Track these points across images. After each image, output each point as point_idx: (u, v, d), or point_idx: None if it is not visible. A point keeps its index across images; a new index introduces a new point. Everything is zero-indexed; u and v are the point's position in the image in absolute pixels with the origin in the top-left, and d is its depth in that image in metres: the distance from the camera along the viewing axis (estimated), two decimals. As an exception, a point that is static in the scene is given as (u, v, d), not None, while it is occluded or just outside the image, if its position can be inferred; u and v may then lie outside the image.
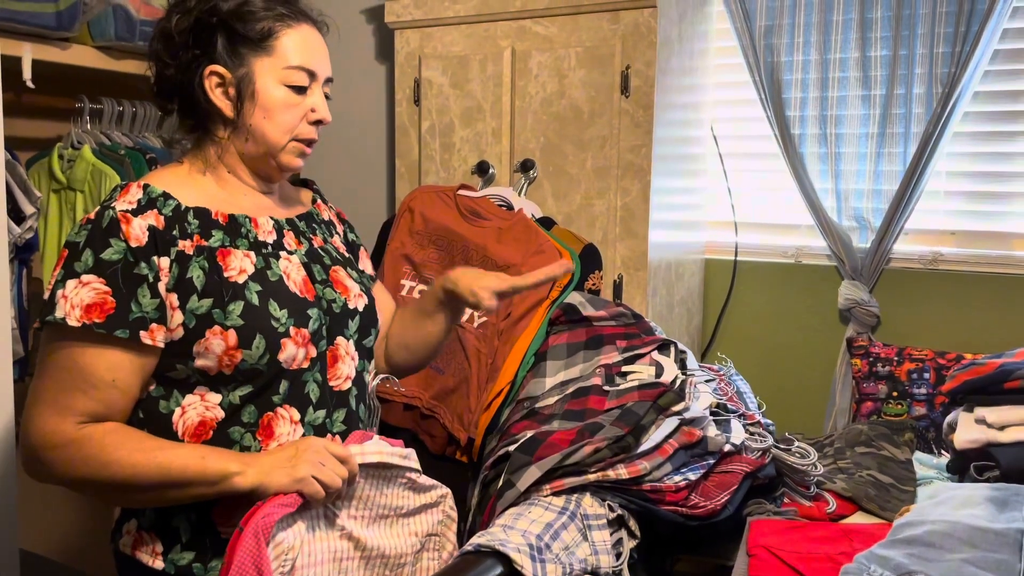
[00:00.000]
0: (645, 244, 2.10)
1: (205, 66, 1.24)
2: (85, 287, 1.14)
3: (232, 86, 1.25)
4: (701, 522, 1.53)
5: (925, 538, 1.14)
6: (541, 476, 1.50)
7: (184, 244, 1.20)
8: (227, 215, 1.26)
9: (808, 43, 2.32)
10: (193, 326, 1.18)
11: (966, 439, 1.59)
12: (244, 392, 1.22)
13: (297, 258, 1.31)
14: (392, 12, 2.38)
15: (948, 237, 2.29)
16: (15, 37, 1.92)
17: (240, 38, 1.24)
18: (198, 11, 1.25)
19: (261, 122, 1.26)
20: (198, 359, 1.19)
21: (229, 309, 1.19)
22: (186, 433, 1.21)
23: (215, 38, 1.24)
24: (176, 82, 1.26)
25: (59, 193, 2.23)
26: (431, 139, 2.36)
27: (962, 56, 2.11)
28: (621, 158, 2.10)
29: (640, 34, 2.06)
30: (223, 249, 1.23)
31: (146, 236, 1.17)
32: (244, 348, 1.19)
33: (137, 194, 1.21)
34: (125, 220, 1.17)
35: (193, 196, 1.25)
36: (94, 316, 1.13)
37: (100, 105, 2.28)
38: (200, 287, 1.19)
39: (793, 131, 2.35)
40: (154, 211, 1.20)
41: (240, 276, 1.22)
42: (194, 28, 1.25)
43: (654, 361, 1.75)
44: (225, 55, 1.24)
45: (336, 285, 1.34)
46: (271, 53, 1.26)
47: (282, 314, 1.23)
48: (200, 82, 1.24)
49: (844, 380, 2.33)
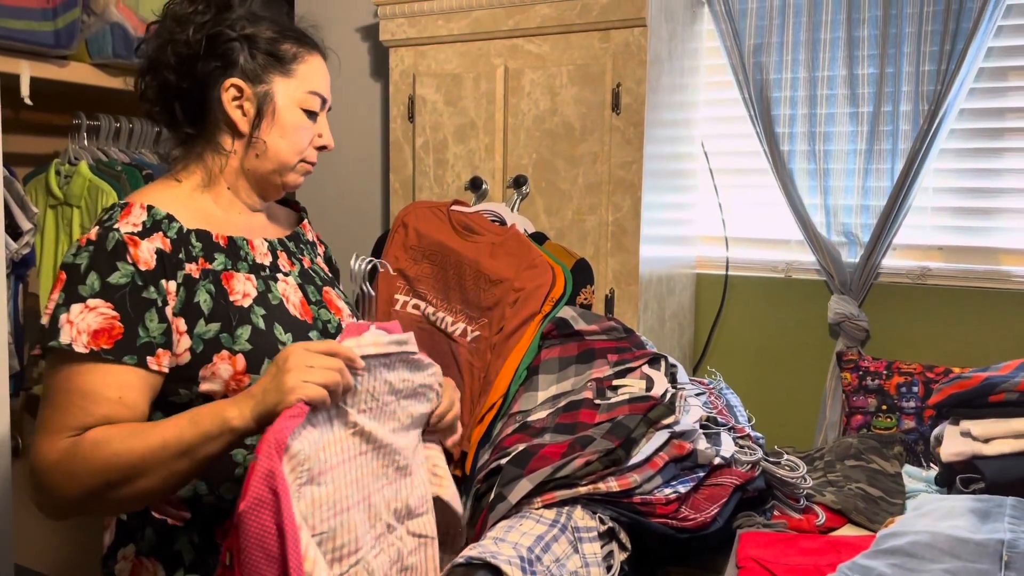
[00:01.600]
0: (636, 259, 2.12)
1: (226, 78, 1.25)
2: (91, 312, 1.11)
3: (250, 101, 1.26)
4: (691, 534, 1.54)
5: (907, 549, 1.15)
6: (532, 489, 1.52)
7: (190, 267, 1.19)
8: (226, 237, 1.26)
9: (797, 61, 2.35)
10: (200, 351, 1.17)
11: (952, 452, 1.61)
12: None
13: (293, 280, 1.31)
14: (387, 31, 2.41)
15: (936, 252, 2.32)
16: (13, 55, 1.94)
17: (266, 56, 1.27)
18: (221, 24, 1.26)
19: (276, 140, 1.28)
20: (203, 383, 1.17)
21: (237, 334, 1.19)
22: None
23: (238, 52, 1.26)
24: (184, 91, 1.26)
25: (56, 209, 2.25)
26: (425, 155, 2.38)
27: (948, 74, 2.15)
28: (612, 174, 2.13)
29: (631, 52, 2.09)
30: (226, 272, 1.23)
31: (154, 259, 1.16)
32: (252, 373, 1.19)
33: (141, 215, 1.19)
34: (132, 243, 1.15)
35: (192, 217, 1.24)
36: (102, 342, 1.10)
37: (97, 122, 2.31)
38: (207, 311, 1.18)
39: (782, 147, 2.38)
40: (159, 233, 1.19)
41: (245, 300, 1.22)
42: (214, 40, 1.25)
43: (645, 375, 1.77)
44: (248, 70, 1.26)
45: (329, 306, 1.35)
46: (293, 76, 1.29)
47: (287, 338, 1.23)
48: (218, 93, 1.25)
49: (834, 394, 2.35)
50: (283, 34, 1.29)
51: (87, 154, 2.29)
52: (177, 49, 1.26)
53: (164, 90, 1.28)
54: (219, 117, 1.27)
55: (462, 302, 2.07)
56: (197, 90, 1.26)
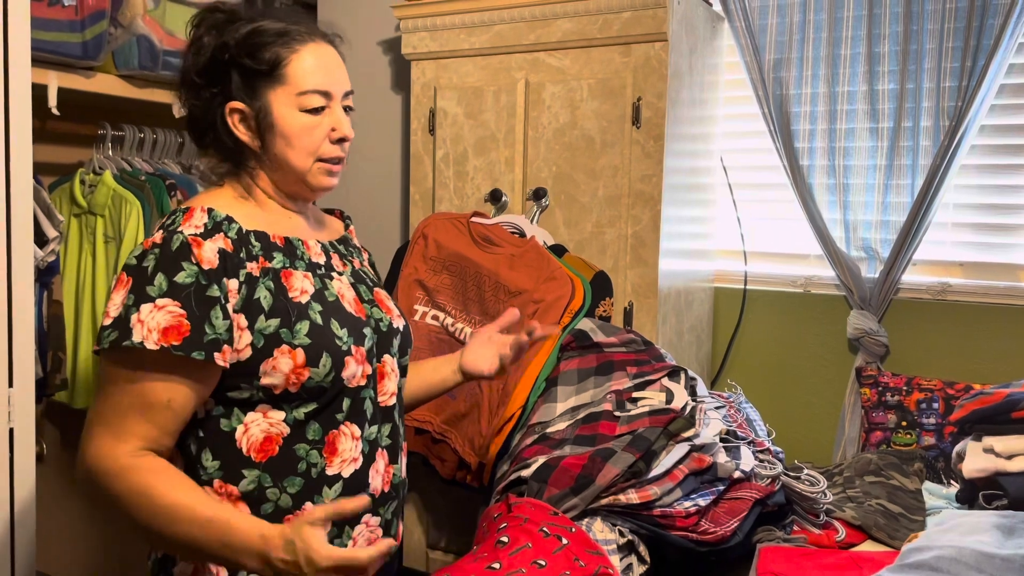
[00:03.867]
0: (655, 272, 2.12)
1: (225, 103, 1.27)
2: (160, 311, 1.15)
3: (252, 119, 1.27)
4: (711, 548, 1.54)
5: (933, 563, 1.15)
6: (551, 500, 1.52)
7: (251, 266, 1.22)
8: (283, 238, 1.29)
9: (816, 76, 2.35)
10: (262, 346, 1.20)
11: (974, 468, 1.60)
12: (308, 409, 1.24)
13: (346, 279, 1.35)
14: (408, 44, 2.43)
15: (956, 268, 2.31)
16: (42, 66, 1.97)
17: (251, 72, 1.26)
18: (211, 49, 1.27)
19: (284, 150, 1.28)
20: (264, 377, 1.21)
21: (296, 328, 1.22)
22: (251, 449, 1.22)
23: (230, 75, 1.26)
24: (204, 120, 1.29)
25: (80, 217, 2.28)
26: (445, 167, 2.40)
27: (969, 90, 2.15)
28: (632, 187, 2.14)
29: (651, 67, 2.10)
30: (285, 270, 1.26)
31: (217, 259, 1.19)
32: (311, 366, 1.22)
33: (202, 218, 1.23)
34: (196, 243, 1.19)
35: (247, 220, 1.27)
36: (171, 339, 1.14)
37: (121, 132, 2.33)
38: (268, 307, 1.21)
39: (802, 162, 2.38)
40: (221, 234, 1.22)
41: (303, 296, 1.25)
42: (209, 67, 1.27)
43: (664, 387, 1.77)
44: (241, 90, 1.26)
45: (380, 305, 1.39)
46: (283, 81, 1.26)
47: (343, 333, 1.26)
48: (223, 119, 1.27)
49: (853, 409, 2.34)
50: (261, 39, 1.26)
51: (111, 164, 2.31)
52: (188, 77, 1.29)
53: (192, 120, 1.32)
54: (233, 141, 1.29)
55: (481, 313, 2.08)
56: (211, 118, 1.28)
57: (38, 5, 1.89)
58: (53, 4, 1.97)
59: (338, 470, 1.26)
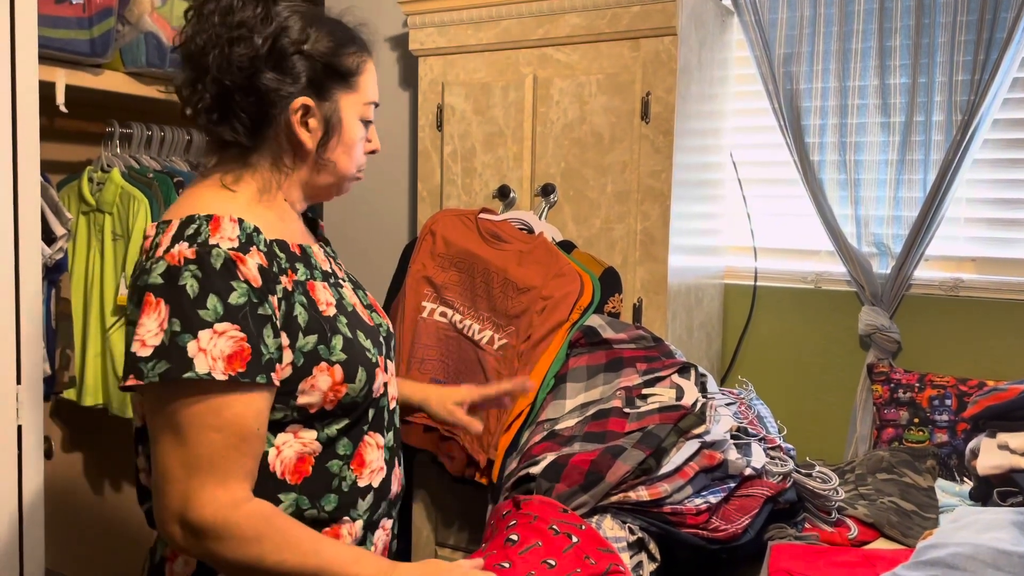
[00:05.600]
0: (665, 268, 2.11)
1: (294, 96, 1.18)
2: (221, 336, 1.06)
3: (317, 120, 1.20)
4: (722, 546, 1.53)
5: (949, 560, 1.13)
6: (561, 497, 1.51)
7: (284, 280, 1.15)
8: (298, 245, 1.22)
9: (827, 71, 2.33)
10: (302, 364, 1.14)
11: (989, 465, 1.58)
12: (340, 425, 1.19)
13: (349, 285, 1.30)
14: (416, 40, 2.42)
15: (969, 263, 2.29)
16: (50, 63, 1.97)
17: (331, 72, 1.21)
18: (280, 29, 1.18)
19: (341, 156, 1.24)
20: (301, 397, 1.15)
21: (332, 344, 1.16)
22: (285, 471, 1.16)
23: (302, 66, 1.18)
24: (244, 104, 1.17)
25: (88, 215, 2.28)
26: (453, 163, 2.39)
27: (981, 84, 2.12)
28: (641, 183, 2.12)
29: (660, 61, 2.09)
30: (309, 282, 1.19)
31: (259, 275, 1.11)
32: (349, 382, 1.17)
33: (234, 229, 1.12)
34: (239, 260, 1.10)
35: (266, 227, 1.17)
36: (237, 366, 1.06)
37: (130, 129, 2.33)
38: (304, 324, 1.15)
39: (812, 157, 2.36)
40: (255, 247, 1.13)
41: (329, 309, 1.19)
42: (278, 51, 1.17)
43: (674, 384, 1.76)
44: (314, 88, 1.20)
45: (377, 310, 1.35)
46: (355, 89, 1.24)
47: (368, 344, 1.22)
48: (283, 111, 1.18)
49: (865, 406, 2.32)
50: (343, 43, 1.23)
51: (119, 161, 2.31)
52: (236, 59, 1.16)
53: (222, 99, 1.18)
54: (281, 134, 1.19)
55: (489, 310, 2.07)
56: (258, 104, 1.17)
57: (46, 2, 1.89)
58: (61, 1, 1.97)
59: (368, 481, 1.23)
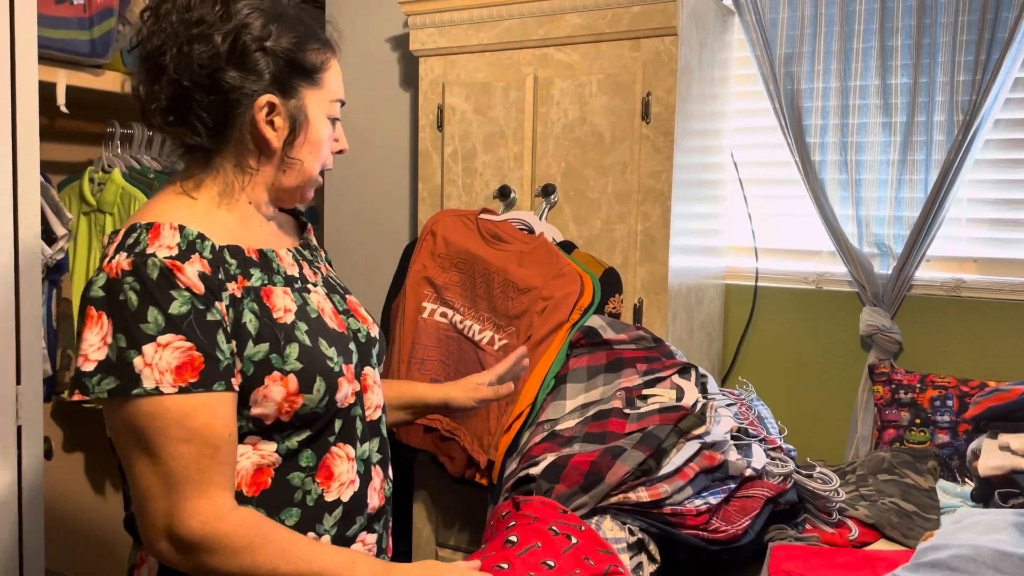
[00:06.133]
0: (665, 268, 2.11)
1: (258, 94, 1.14)
2: (166, 348, 1.03)
3: (282, 118, 1.16)
4: (722, 547, 1.52)
5: (949, 562, 1.13)
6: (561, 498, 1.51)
7: (232, 287, 1.11)
8: (257, 251, 1.17)
9: (828, 71, 2.33)
10: (252, 373, 1.10)
11: (990, 466, 1.58)
12: (302, 437, 1.15)
13: (320, 289, 1.25)
14: (417, 40, 2.42)
15: (970, 264, 2.28)
16: (51, 64, 1.97)
17: (295, 68, 1.17)
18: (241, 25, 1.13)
19: (307, 155, 1.20)
20: (254, 407, 1.11)
21: (286, 353, 1.12)
22: (243, 483, 1.12)
23: (266, 63, 1.14)
24: (204, 104, 1.13)
25: (89, 215, 2.28)
26: (454, 164, 2.39)
27: (983, 84, 2.12)
28: (642, 183, 2.12)
29: (661, 61, 2.09)
30: (265, 288, 1.15)
31: (201, 283, 1.07)
32: (305, 392, 1.13)
33: (173, 237, 1.09)
34: (176, 268, 1.06)
35: (219, 233, 1.14)
36: (188, 376, 1.04)
37: (130, 130, 2.34)
38: (255, 332, 1.11)
39: (814, 157, 2.35)
40: (196, 255, 1.09)
41: (287, 316, 1.15)
42: (240, 48, 1.13)
43: (675, 384, 1.76)
44: (278, 85, 1.15)
45: (356, 315, 1.29)
46: (321, 85, 1.20)
47: (332, 352, 1.17)
48: (247, 110, 1.14)
49: (866, 407, 2.32)
50: (306, 38, 1.18)
51: (120, 162, 2.31)
52: (196, 57, 1.11)
53: (180, 100, 1.13)
54: (245, 134, 1.15)
55: (490, 310, 2.07)
56: (220, 104, 1.13)
57: (46, 3, 1.89)
58: (61, 2, 1.97)
59: (337, 495, 1.18)
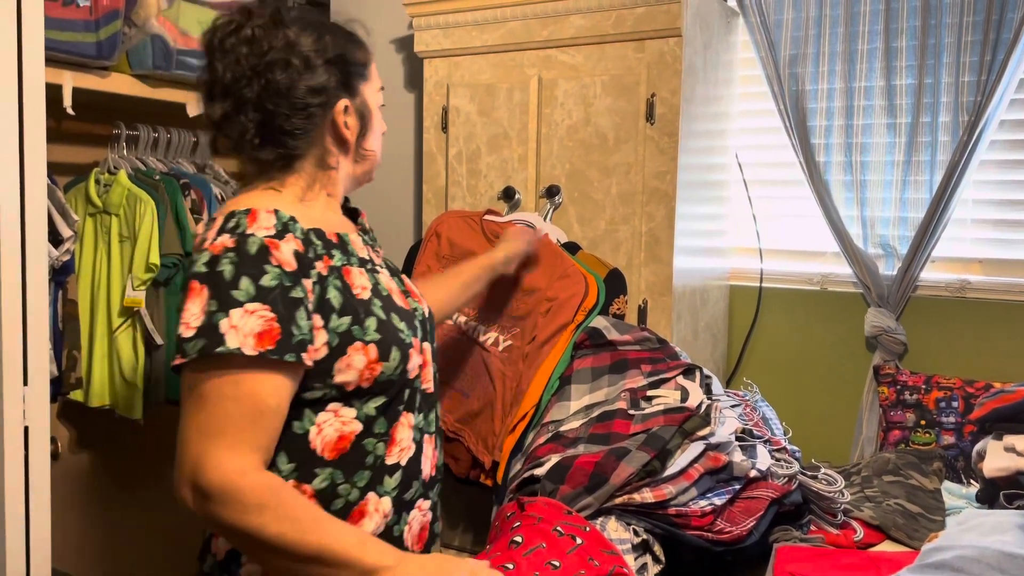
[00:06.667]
0: (670, 269, 2.11)
1: (334, 103, 1.29)
2: (252, 315, 1.14)
3: (353, 116, 1.32)
4: (727, 548, 1.52)
5: (954, 563, 1.13)
6: (565, 499, 1.51)
7: (319, 265, 1.23)
8: (335, 234, 1.29)
9: (833, 72, 2.33)
10: (336, 344, 1.21)
11: (995, 467, 1.57)
12: (378, 403, 1.27)
13: (385, 271, 1.37)
14: (421, 42, 2.42)
15: (976, 265, 2.28)
16: (57, 66, 1.97)
17: (352, 70, 1.32)
18: (310, 53, 1.27)
19: (374, 143, 1.37)
20: (338, 375, 1.22)
21: (366, 325, 1.24)
22: (325, 448, 1.23)
23: (331, 75, 1.29)
24: (296, 124, 1.27)
25: (95, 217, 2.28)
26: (458, 165, 2.39)
27: (988, 85, 2.12)
28: (646, 184, 2.12)
29: (665, 63, 2.09)
30: (344, 267, 1.27)
31: (294, 260, 1.19)
32: (383, 360, 1.25)
33: (270, 219, 1.21)
34: (273, 245, 1.18)
35: (304, 219, 1.26)
36: (266, 344, 1.13)
37: (136, 132, 2.34)
38: (338, 306, 1.22)
39: (818, 158, 2.35)
40: (290, 234, 1.21)
41: (364, 293, 1.27)
42: (309, 68, 1.27)
43: (679, 386, 1.76)
44: (345, 88, 1.31)
45: (412, 294, 1.41)
46: (370, 78, 1.36)
47: (403, 326, 1.30)
48: (330, 117, 1.29)
49: (871, 408, 2.31)
50: (349, 39, 1.34)
51: (126, 163, 2.31)
52: (275, 84, 1.25)
53: (267, 124, 1.27)
54: (326, 137, 1.31)
55: (494, 311, 2.07)
56: (304, 118, 1.27)
57: (52, 5, 1.89)
58: (67, 4, 1.97)
59: (396, 459, 1.29)
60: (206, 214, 2.32)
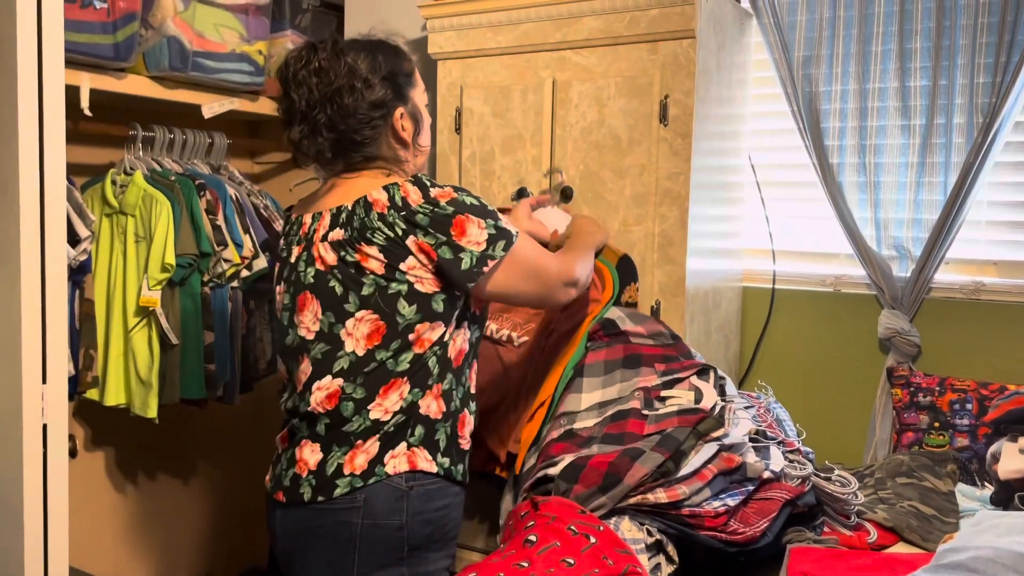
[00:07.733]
0: (683, 270, 2.11)
1: (392, 113, 1.54)
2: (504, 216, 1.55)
3: (408, 120, 1.57)
4: (740, 548, 1.53)
5: (969, 564, 1.13)
6: (580, 499, 1.51)
7: None
8: None
9: (847, 73, 2.33)
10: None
11: (1011, 469, 1.57)
12: (478, 334, 1.63)
13: None
14: (435, 43, 2.43)
15: (990, 267, 2.27)
16: (75, 67, 1.99)
17: (403, 80, 1.56)
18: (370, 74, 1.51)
19: (425, 139, 1.63)
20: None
21: None
22: (456, 359, 1.56)
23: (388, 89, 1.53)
24: (366, 136, 1.52)
25: (111, 217, 2.30)
26: (472, 166, 2.40)
27: (1003, 86, 2.11)
28: (659, 185, 2.12)
29: (679, 64, 2.09)
30: None
31: None
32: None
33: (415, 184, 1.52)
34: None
35: None
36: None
37: (152, 133, 2.36)
38: None
39: (832, 160, 2.35)
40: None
41: None
42: (370, 87, 1.51)
43: (693, 386, 1.76)
44: (400, 97, 1.55)
45: None
46: (417, 84, 1.61)
47: None
48: (390, 124, 1.55)
49: (884, 410, 2.31)
50: (396, 54, 1.56)
51: (142, 164, 2.33)
52: (346, 107, 1.49)
53: (339, 142, 1.52)
54: (390, 141, 1.56)
55: (508, 309, 2.07)
56: (370, 131, 1.53)
57: (70, 7, 1.91)
58: (85, 6, 1.99)
59: (474, 390, 1.65)
60: (221, 214, 2.34)
